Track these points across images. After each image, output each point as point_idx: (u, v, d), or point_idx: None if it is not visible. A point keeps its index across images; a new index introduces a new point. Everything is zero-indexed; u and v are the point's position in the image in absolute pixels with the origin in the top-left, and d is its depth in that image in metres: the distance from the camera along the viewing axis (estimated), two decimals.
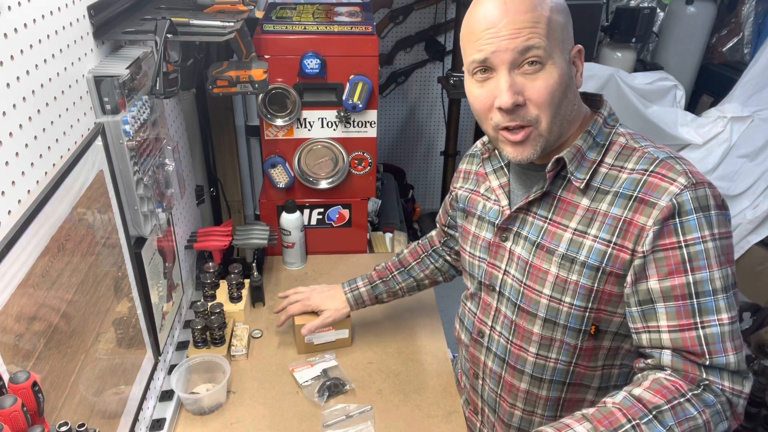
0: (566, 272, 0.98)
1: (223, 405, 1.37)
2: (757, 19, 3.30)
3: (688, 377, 0.88)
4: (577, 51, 0.97)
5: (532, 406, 1.10)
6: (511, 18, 0.90)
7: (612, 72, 2.95)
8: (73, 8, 0.98)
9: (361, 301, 1.46)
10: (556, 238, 1.00)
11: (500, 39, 0.90)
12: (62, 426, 0.69)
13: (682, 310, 0.89)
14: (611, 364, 1.04)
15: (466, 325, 1.21)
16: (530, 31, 0.89)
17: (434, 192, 3.72)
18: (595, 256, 0.95)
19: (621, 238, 0.93)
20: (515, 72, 0.92)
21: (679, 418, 0.83)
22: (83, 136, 1.00)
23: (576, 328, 1.00)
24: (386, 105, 3.44)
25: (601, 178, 0.97)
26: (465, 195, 1.20)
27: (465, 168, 1.25)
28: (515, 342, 1.08)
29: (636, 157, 0.96)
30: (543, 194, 1.01)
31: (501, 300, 1.10)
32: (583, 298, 0.98)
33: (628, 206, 0.93)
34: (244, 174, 2.13)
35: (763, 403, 2.02)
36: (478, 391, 1.22)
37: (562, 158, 0.97)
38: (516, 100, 0.91)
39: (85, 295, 0.96)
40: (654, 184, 0.91)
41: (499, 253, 1.09)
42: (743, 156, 3.02)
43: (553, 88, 0.92)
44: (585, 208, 0.98)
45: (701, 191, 0.89)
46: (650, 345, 0.92)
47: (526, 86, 0.92)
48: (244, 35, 1.37)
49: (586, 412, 0.87)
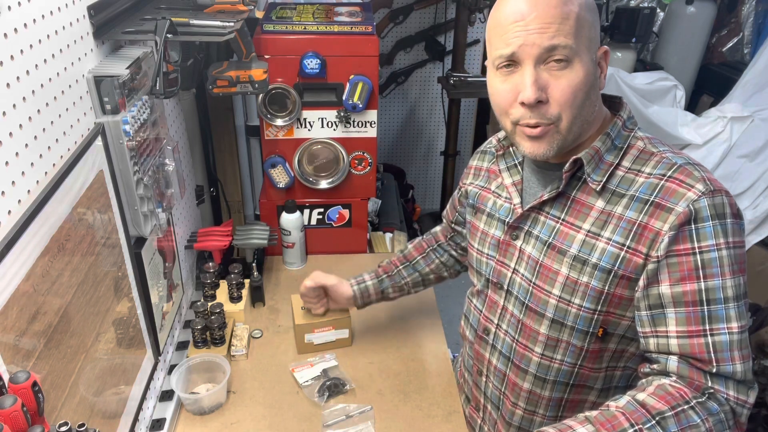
0: (577, 273, 0.98)
1: (223, 405, 1.37)
2: (757, 19, 3.30)
3: (693, 384, 0.87)
4: (603, 52, 0.95)
5: (534, 405, 1.10)
6: (541, 12, 0.88)
7: (612, 72, 2.95)
8: (73, 8, 0.98)
9: (367, 295, 1.44)
10: (569, 239, 0.99)
11: (528, 33, 0.89)
12: (62, 426, 0.69)
13: (692, 316, 0.88)
14: (615, 366, 1.04)
15: (471, 322, 1.21)
16: (558, 27, 0.88)
17: (434, 192, 3.72)
18: (607, 258, 0.95)
19: (635, 242, 0.93)
20: (541, 67, 0.91)
21: (682, 425, 0.83)
22: (83, 136, 1.00)
23: (583, 330, 1.00)
24: (386, 105, 3.44)
25: (618, 181, 0.97)
26: (475, 191, 1.20)
27: (476, 164, 1.24)
28: (521, 341, 1.08)
29: (654, 161, 0.95)
30: (557, 194, 1.01)
31: (509, 298, 1.10)
32: (593, 301, 0.97)
33: (644, 210, 0.92)
34: (244, 174, 2.13)
35: (763, 404, 2.02)
36: (481, 388, 1.22)
37: (580, 159, 0.96)
38: (539, 96, 0.90)
39: (85, 295, 0.96)
40: (671, 190, 0.91)
41: (509, 252, 1.09)
42: (743, 156, 3.02)
43: (577, 88, 0.91)
44: (599, 210, 0.97)
45: (718, 199, 0.89)
46: (657, 350, 0.91)
47: (551, 83, 0.91)
48: (244, 35, 1.37)
49: (588, 415, 0.87)
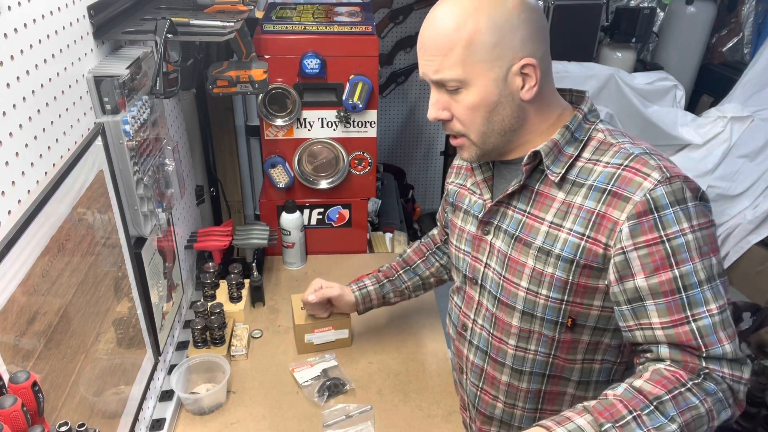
0: (542, 265, 1.00)
1: (223, 405, 1.37)
2: (757, 19, 3.30)
3: (688, 367, 0.88)
4: (523, 65, 0.93)
5: (513, 398, 1.12)
6: (430, 43, 0.95)
7: (612, 72, 2.95)
8: (73, 8, 0.98)
9: (368, 300, 1.45)
10: (534, 231, 1.01)
11: (424, 62, 0.96)
12: (62, 426, 0.69)
13: (672, 305, 0.89)
14: (591, 358, 1.05)
15: (453, 320, 1.22)
16: (442, 60, 0.93)
17: (434, 192, 3.72)
18: (569, 249, 0.96)
19: (594, 231, 0.94)
20: (442, 90, 0.97)
21: (680, 407, 0.83)
22: (83, 136, 1.00)
23: (552, 320, 1.02)
24: (386, 105, 3.44)
25: (577, 171, 0.98)
26: (454, 190, 1.22)
27: (457, 163, 1.26)
28: (496, 335, 1.10)
29: (612, 151, 0.97)
30: (522, 187, 1.03)
31: (483, 293, 1.11)
32: (559, 291, 0.99)
33: (602, 200, 0.93)
34: (244, 174, 2.13)
35: (763, 403, 2.02)
36: (463, 385, 1.23)
37: (539, 152, 0.98)
38: (438, 116, 0.99)
39: (85, 295, 0.96)
40: (628, 179, 0.92)
41: (481, 247, 1.11)
42: (743, 156, 3.02)
43: (474, 109, 0.96)
44: (561, 201, 0.99)
45: (676, 185, 0.89)
46: (645, 341, 0.92)
47: (451, 104, 0.98)
48: (244, 35, 1.37)
49: (587, 404, 0.88)
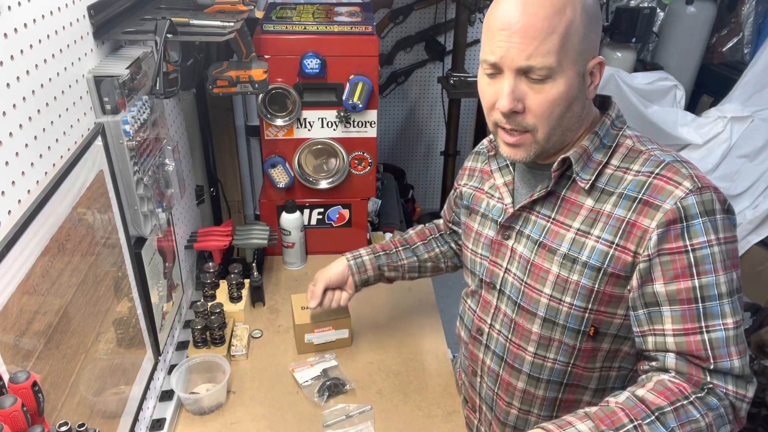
0: (567, 272, 0.98)
1: (223, 405, 1.37)
2: (757, 19, 3.30)
3: (692, 380, 0.87)
4: (597, 63, 0.93)
5: (529, 405, 1.11)
6: (527, 22, 0.87)
7: (612, 72, 2.95)
8: (73, 8, 0.97)
9: (363, 270, 1.38)
10: (559, 238, 1.00)
11: (510, 45, 0.88)
12: (62, 426, 0.69)
13: (688, 314, 0.88)
14: (609, 366, 1.04)
15: (466, 323, 1.21)
16: (539, 45, 0.86)
17: (434, 192, 3.72)
18: (596, 256, 0.95)
19: (623, 239, 0.93)
20: (521, 78, 0.90)
21: (681, 420, 0.83)
22: (83, 136, 1.00)
23: (575, 328, 1.00)
24: (386, 105, 3.44)
25: (606, 179, 0.97)
26: (469, 192, 1.20)
27: (470, 165, 1.25)
28: (514, 341, 1.08)
29: (642, 159, 0.96)
30: (547, 193, 1.01)
31: (501, 298, 1.10)
32: (584, 299, 0.98)
33: (632, 208, 0.92)
34: (244, 174, 2.13)
35: (763, 403, 2.02)
36: (476, 388, 1.22)
37: (569, 158, 0.97)
38: (514, 107, 0.91)
39: (85, 295, 0.96)
40: (659, 187, 0.91)
41: (501, 251, 1.09)
42: (743, 156, 3.02)
43: (556, 103, 0.90)
44: (589, 209, 0.97)
45: (707, 195, 0.89)
46: (655, 348, 0.92)
47: (528, 95, 0.91)
48: (244, 35, 1.37)
49: (588, 411, 0.87)
